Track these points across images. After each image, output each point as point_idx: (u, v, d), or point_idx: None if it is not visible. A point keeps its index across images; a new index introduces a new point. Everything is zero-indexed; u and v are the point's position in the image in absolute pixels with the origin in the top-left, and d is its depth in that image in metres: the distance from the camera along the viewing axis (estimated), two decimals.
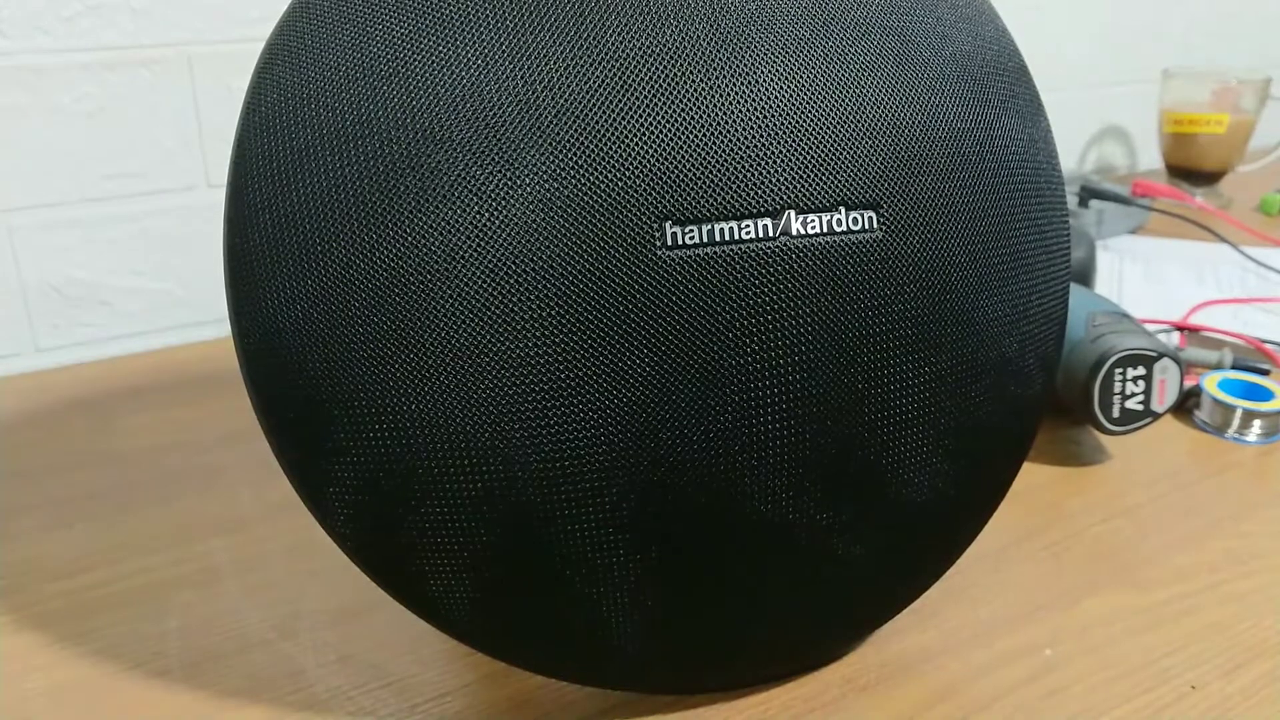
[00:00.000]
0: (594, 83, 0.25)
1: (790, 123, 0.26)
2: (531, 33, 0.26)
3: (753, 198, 0.25)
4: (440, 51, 0.26)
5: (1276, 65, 1.10)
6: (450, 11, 0.26)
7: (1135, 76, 1.16)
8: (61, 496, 0.48)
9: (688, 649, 0.31)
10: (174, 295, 0.69)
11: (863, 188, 0.26)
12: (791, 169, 0.26)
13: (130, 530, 0.45)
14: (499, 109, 0.25)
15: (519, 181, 0.25)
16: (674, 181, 0.25)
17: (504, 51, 0.26)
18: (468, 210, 0.25)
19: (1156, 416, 0.49)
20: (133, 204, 0.66)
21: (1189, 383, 0.55)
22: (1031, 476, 0.49)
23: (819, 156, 0.26)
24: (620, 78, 0.25)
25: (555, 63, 0.25)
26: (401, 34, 0.27)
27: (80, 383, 0.62)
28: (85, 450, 0.53)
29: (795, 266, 0.26)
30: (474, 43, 0.26)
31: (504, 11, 0.26)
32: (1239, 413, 0.53)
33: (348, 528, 0.29)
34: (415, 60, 0.26)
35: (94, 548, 0.43)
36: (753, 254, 0.25)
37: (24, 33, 0.61)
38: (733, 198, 0.25)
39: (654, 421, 0.26)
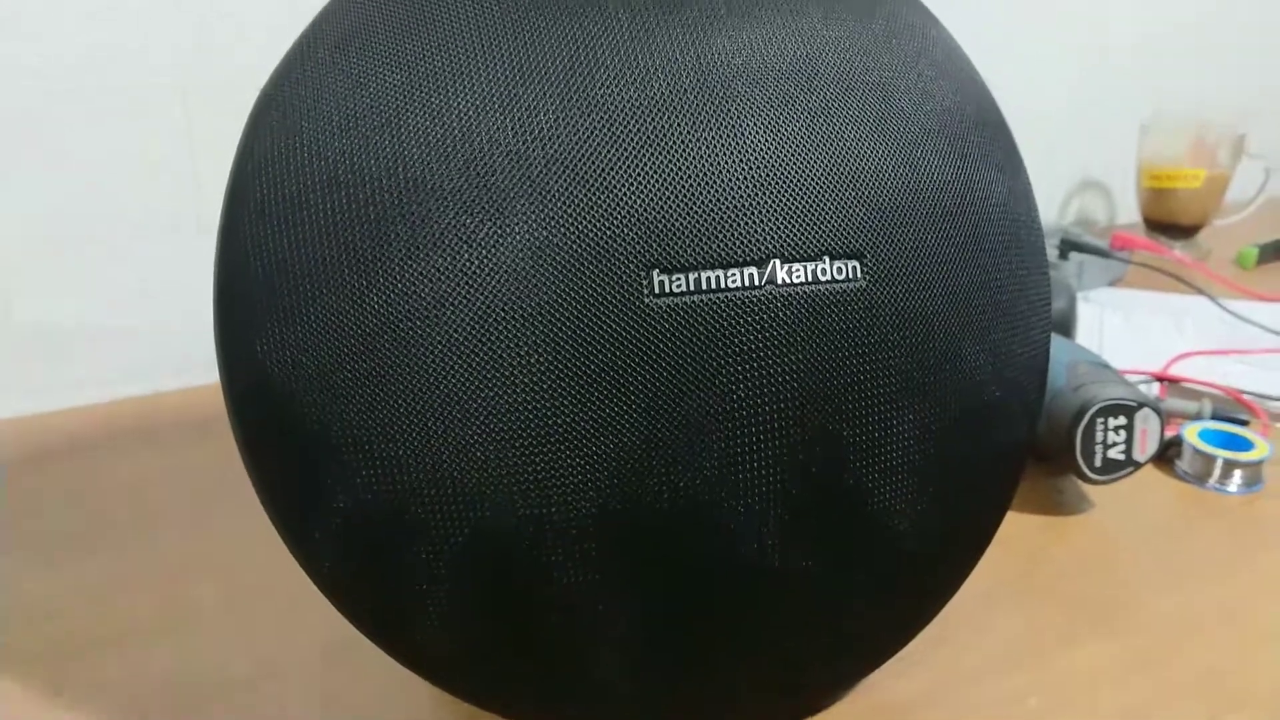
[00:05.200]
0: (583, 134, 0.26)
1: (775, 174, 0.26)
2: (523, 85, 0.26)
3: (739, 247, 0.26)
4: (433, 103, 0.27)
5: (1253, 119, 1.12)
6: (443, 65, 0.27)
7: (1113, 130, 1.18)
8: (44, 539, 0.47)
9: (675, 698, 0.31)
10: (162, 339, 0.69)
11: (846, 238, 0.27)
12: (777, 219, 0.26)
13: (113, 572, 0.44)
14: (490, 159, 0.26)
15: (509, 229, 0.25)
16: (662, 230, 0.25)
17: (495, 103, 0.26)
18: (458, 257, 0.25)
19: (1138, 466, 0.49)
20: (124, 247, 0.67)
21: (1170, 433, 0.55)
22: (1016, 525, 0.49)
23: (804, 207, 0.27)
24: (609, 129, 0.26)
25: (546, 115, 0.26)
26: (395, 85, 0.27)
27: (65, 425, 0.61)
28: (69, 493, 0.52)
29: (781, 314, 0.26)
30: (466, 94, 0.26)
31: (496, 66, 0.27)
32: (1220, 462, 0.53)
33: (333, 573, 0.29)
34: (408, 111, 0.27)
35: (76, 590, 0.43)
36: (739, 302, 0.26)
37: (17, 75, 0.62)
38: (719, 247, 0.26)
39: (641, 468, 0.26)
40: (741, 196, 0.26)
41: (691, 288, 0.26)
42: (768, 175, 0.26)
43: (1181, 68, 1.26)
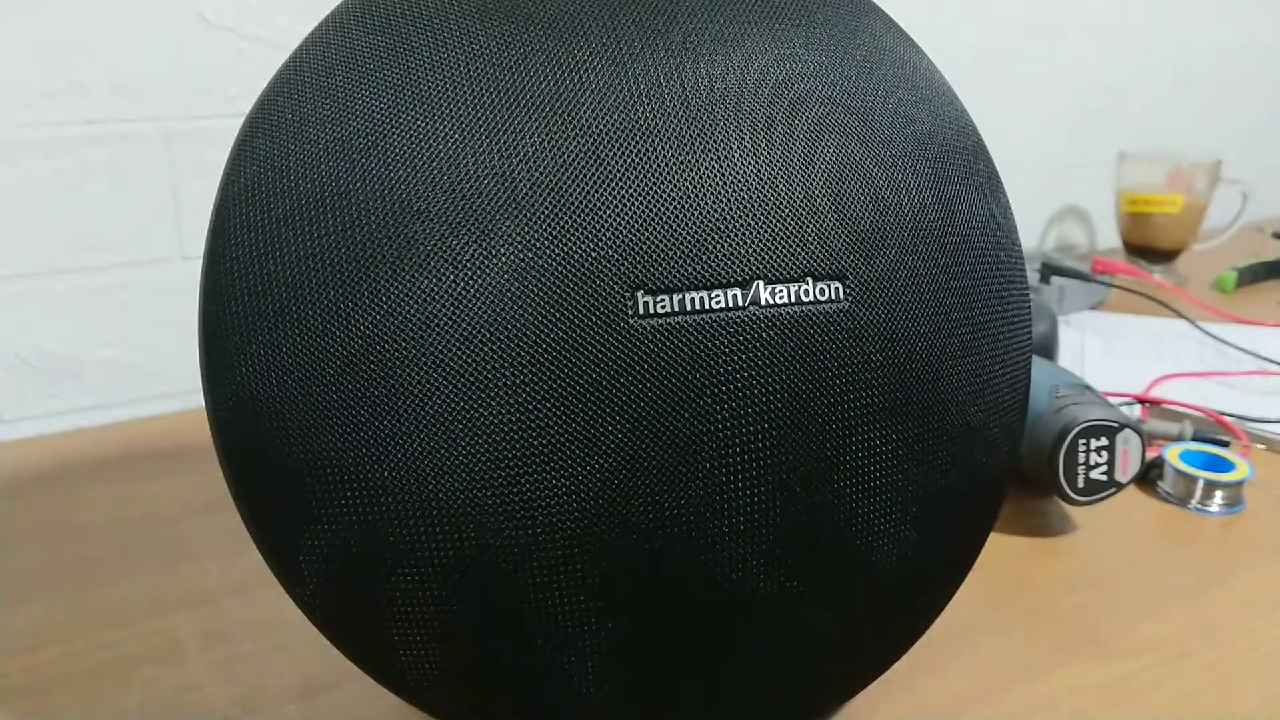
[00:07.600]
0: (568, 157, 0.26)
1: (759, 196, 0.27)
2: (508, 109, 0.26)
3: (723, 268, 0.26)
4: (419, 127, 0.27)
5: (1228, 148, 1.13)
6: (429, 89, 0.27)
7: (1093, 159, 1.19)
8: (23, 570, 0.47)
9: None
10: (143, 368, 0.69)
11: (829, 259, 0.27)
12: (760, 241, 0.26)
13: (93, 605, 0.44)
14: (476, 182, 0.26)
15: (494, 251, 0.25)
16: (646, 252, 0.26)
17: (481, 127, 0.26)
18: (443, 279, 0.26)
19: (1120, 487, 0.50)
20: (106, 276, 0.66)
21: (1151, 454, 0.56)
22: (999, 547, 0.49)
23: (786, 229, 0.27)
24: (594, 153, 0.26)
25: (531, 138, 0.26)
26: (381, 109, 0.27)
27: (45, 455, 0.61)
28: (48, 523, 0.52)
29: (764, 335, 0.26)
30: (452, 119, 0.27)
31: (482, 90, 0.27)
32: (1201, 484, 0.54)
33: (317, 597, 0.29)
34: (394, 135, 0.27)
35: (55, 622, 0.43)
36: (723, 323, 0.26)
37: (4, 107, 0.62)
38: (703, 268, 0.26)
39: (626, 489, 0.26)
40: (725, 218, 0.26)
41: (676, 309, 0.26)
42: (751, 197, 0.27)
43: (1158, 103, 1.28)
